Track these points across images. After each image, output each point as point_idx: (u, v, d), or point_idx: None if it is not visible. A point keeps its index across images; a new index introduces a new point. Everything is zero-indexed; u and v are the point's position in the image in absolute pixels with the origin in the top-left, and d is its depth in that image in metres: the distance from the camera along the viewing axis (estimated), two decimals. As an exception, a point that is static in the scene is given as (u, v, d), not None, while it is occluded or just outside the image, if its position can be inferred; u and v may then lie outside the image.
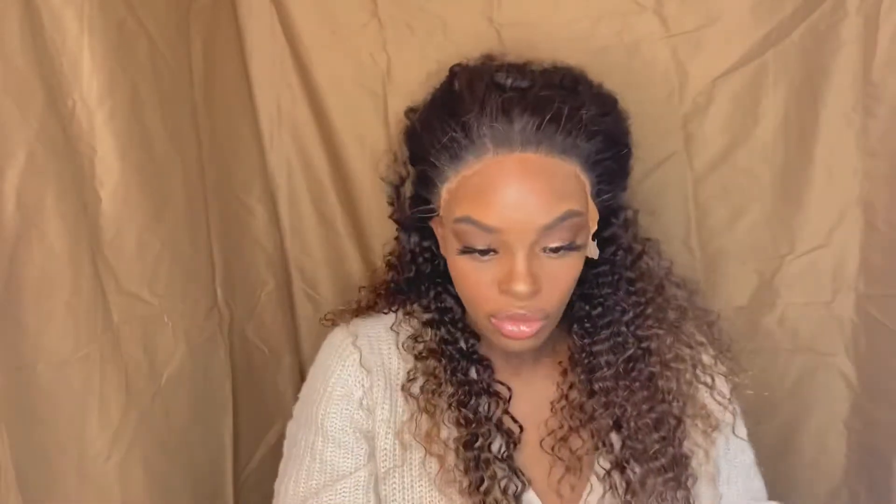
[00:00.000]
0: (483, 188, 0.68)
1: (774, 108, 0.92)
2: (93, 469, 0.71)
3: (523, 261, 0.67)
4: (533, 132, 0.67)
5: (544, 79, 0.71)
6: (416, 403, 0.75)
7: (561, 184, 0.67)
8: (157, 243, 0.78)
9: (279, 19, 0.98)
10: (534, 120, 0.67)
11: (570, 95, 0.70)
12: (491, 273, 0.69)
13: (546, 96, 0.68)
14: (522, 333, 0.70)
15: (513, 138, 0.67)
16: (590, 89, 0.74)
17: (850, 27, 0.88)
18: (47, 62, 0.66)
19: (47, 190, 0.65)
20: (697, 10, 0.89)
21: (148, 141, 0.77)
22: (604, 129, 0.70)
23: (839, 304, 0.97)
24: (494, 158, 0.68)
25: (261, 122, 1.01)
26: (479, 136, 0.68)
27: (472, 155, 0.69)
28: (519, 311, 0.69)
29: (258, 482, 1.00)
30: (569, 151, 0.68)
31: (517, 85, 0.70)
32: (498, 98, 0.68)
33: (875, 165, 0.91)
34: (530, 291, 0.67)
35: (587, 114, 0.69)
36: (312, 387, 0.80)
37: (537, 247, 0.68)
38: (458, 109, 0.70)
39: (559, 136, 0.67)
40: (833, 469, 1.02)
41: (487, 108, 0.68)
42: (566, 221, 0.67)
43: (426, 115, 0.75)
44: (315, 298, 1.07)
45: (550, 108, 0.67)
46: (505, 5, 0.92)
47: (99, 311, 0.71)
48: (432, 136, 0.71)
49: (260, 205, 1.00)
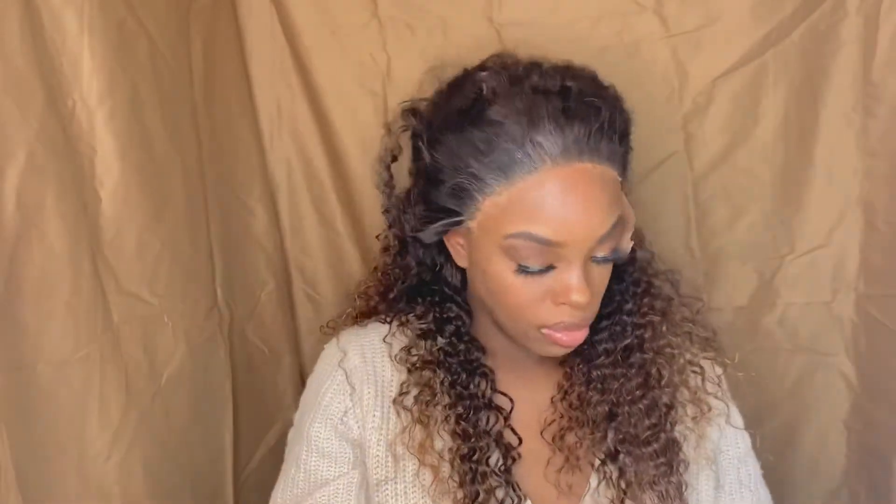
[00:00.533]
0: (541, 202, 0.65)
1: (774, 108, 0.92)
2: (93, 469, 0.71)
3: (581, 272, 0.67)
4: (586, 141, 0.66)
5: (578, 82, 0.69)
6: (410, 415, 0.74)
7: (611, 191, 0.68)
8: (157, 243, 0.78)
9: (279, 19, 0.98)
10: (585, 128, 0.66)
11: (605, 99, 0.69)
12: (545, 286, 0.68)
13: (590, 102, 0.68)
14: (575, 340, 0.70)
15: (569, 148, 0.65)
16: (609, 90, 0.73)
17: (850, 27, 0.88)
18: (47, 62, 0.66)
19: (47, 190, 0.65)
20: (697, 10, 0.89)
21: (148, 141, 0.77)
22: (625, 130, 0.71)
23: (839, 304, 0.97)
24: (553, 170, 0.65)
25: (261, 122, 1.01)
26: (534, 147, 0.65)
27: (527, 167, 0.65)
28: (574, 320, 0.69)
29: (258, 482, 1.00)
30: (612, 158, 0.68)
31: (558, 90, 0.68)
32: (547, 105, 0.66)
33: (875, 165, 0.91)
34: (589, 302, 0.67)
35: (619, 117, 0.69)
36: (305, 398, 0.80)
37: (588, 256, 0.68)
38: (498, 117, 0.66)
39: (605, 143, 0.67)
40: (833, 469, 1.02)
41: (537, 116, 0.66)
42: (616, 228, 0.68)
43: (454, 122, 0.70)
44: (315, 298, 1.07)
45: (598, 115, 0.67)
46: (505, 5, 0.92)
47: (99, 311, 0.71)
48: (471, 146, 0.67)
49: (260, 205, 1.00)
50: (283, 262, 1.05)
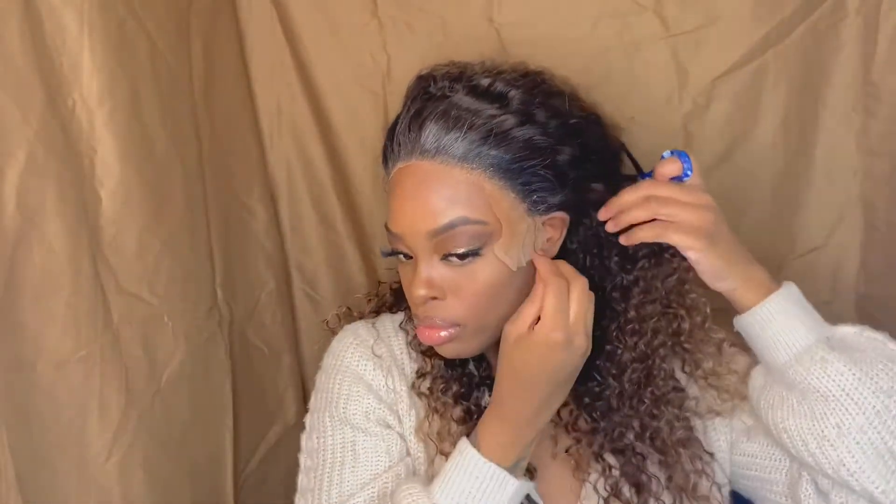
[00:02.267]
0: (390, 195, 0.72)
1: (774, 108, 0.92)
2: (93, 469, 0.71)
3: (420, 266, 0.69)
4: (433, 141, 0.68)
5: (470, 87, 0.71)
6: (427, 403, 0.76)
7: (453, 191, 0.68)
8: (157, 243, 0.78)
9: (279, 19, 0.98)
10: (436, 129, 0.68)
11: (489, 103, 0.70)
12: (409, 277, 0.72)
13: (458, 105, 0.69)
14: (431, 339, 0.71)
15: (415, 147, 0.69)
16: (526, 94, 0.71)
17: (850, 27, 0.88)
18: (47, 62, 0.67)
19: (47, 190, 0.65)
20: (697, 10, 0.89)
21: (148, 141, 0.77)
22: (525, 136, 0.69)
23: (839, 304, 0.97)
24: (402, 167, 0.71)
25: (261, 122, 1.02)
26: (395, 145, 0.71)
27: (390, 162, 0.73)
28: (426, 316, 0.71)
29: (258, 482, 1.00)
30: (471, 160, 0.68)
31: (439, 94, 0.71)
32: (415, 107, 0.71)
33: (875, 165, 0.91)
34: (424, 296, 0.69)
35: (502, 122, 0.68)
36: (323, 384, 0.79)
37: (437, 254, 0.69)
38: (395, 118, 0.73)
39: (459, 145, 0.68)
40: (833, 469, 1.02)
41: (406, 116, 0.71)
42: (458, 228, 0.67)
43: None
44: (315, 298, 1.07)
45: (457, 118, 0.68)
46: (505, 5, 0.92)
47: (99, 311, 0.71)
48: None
49: (260, 205, 1.00)
50: (283, 262, 1.05)
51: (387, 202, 0.72)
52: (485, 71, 0.74)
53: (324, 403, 0.78)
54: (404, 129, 0.71)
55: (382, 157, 0.74)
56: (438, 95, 0.71)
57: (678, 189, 0.70)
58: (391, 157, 0.72)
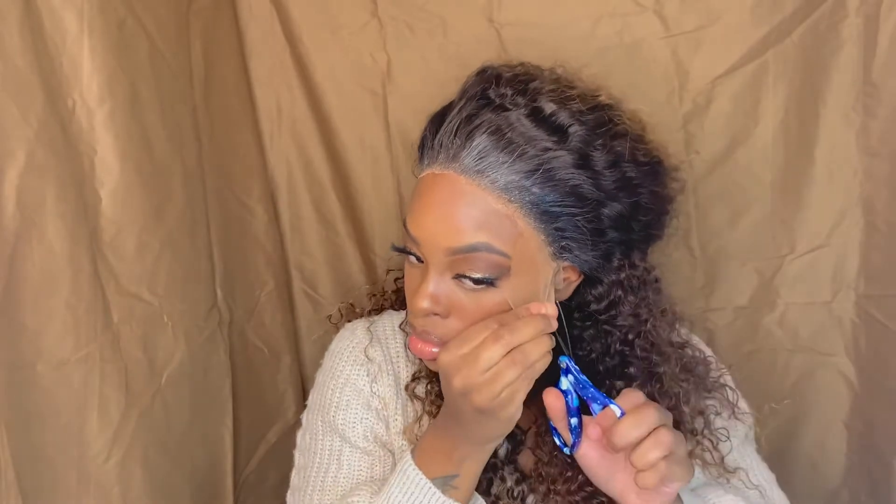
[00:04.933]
0: (418, 194, 0.68)
1: (774, 108, 0.92)
2: (93, 469, 0.71)
3: (429, 278, 0.66)
4: (476, 158, 0.65)
5: (533, 109, 0.67)
6: (422, 405, 0.76)
7: (484, 217, 0.65)
8: (157, 243, 0.78)
9: (279, 19, 0.98)
10: (484, 146, 0.65)
11: (547, 134, 0.66)
12: (416, 281, 0.69)
13: (514, 127, 0.65)
14: (422, 353, 0.69)
15: (457, 158, 0.66)
16: (589, 133, 0.67)
17: (850, 27, 0.88)
18: (47, 62, 0.67)
19: (47, 190, 0.65)
20: (697, 10, 0.89)
21: (148, 141, 0.77)
22: (574, 182, 0.66)
23: (839, 304, 0.97)
24: (435, 171, 0.67)
25: (261, 122, 1.01)
26: (437, 144, 0.67)
27: (426, 159, 0.69)
28: (423, 329, 0.68)
29: (258, 482, 1.00)
30: (510, 192, 0.65)
31: (498, 103, 0.67)
32: (469, 109, 0.67)
33: (875, 165, 0.91)
34: (426, 310, 0.67)
35: (555, 159, 0.65)
36: (323, 383, 0.79)
37: (451, 272, 0.66)
38: (445, 108, 0.70)
39: (504, 172, 0.64)
40: (833, 469, 1.02)
41: (457, 117, 0.67)
42: (478, 253, 0.64)
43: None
44: (315, 298, 1.07)
45: (509, 142, 0.65)
46: (505, 5, 0.92)
47: (99, 311, 0.71)
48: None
49: (260, 205, 1.00)
50: (283, 262, 1.05)
51: (411, 196, 0.70)
52: (553, 90, 0.69)
53: (318, 405, 0.78)
54: (450, 132, 0.66)
55: (420, 144, 0.71)
56: (497, 104, 0.67)
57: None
58: (428, 154, 0.68)
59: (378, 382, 0.77)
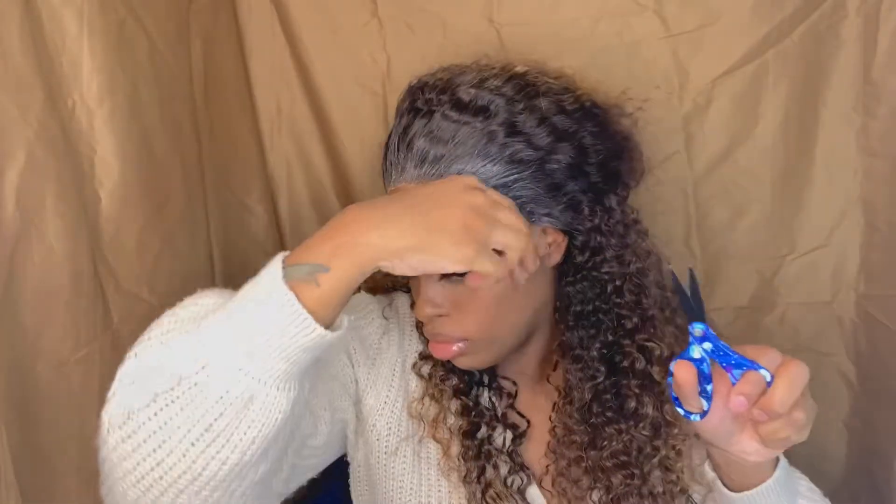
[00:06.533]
0: None
1: (774, 108, 0.92)
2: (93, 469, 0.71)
3: (422, 286, 0.70)
4: (419, 163, 0.68)
5: (454, 101, 0.69)
6: (426, 386, 0.77)
7: None
8: (157, 243, 0.78)
9: (279, 19, 0.98)
10: (422, 149, 0.68)
11: (473, 117, 0.68)
12: (416, 291, 0.73)
13: (442, 123, 0.68)
14: (444, 354, 0.71)
15: (405, 169, 0.69)
16: (509, 103, 0.69)
17: (850, 27, 0.88)
18: (47, 62, 0.66)
19: (47, 190, 0.65)
20: (697, 10, 0.89)
21: (148, 141, 0.77)
22: (510, 151, 0.67)
23: (839, 304, 0.97)
24: (391, 189, 0.71)
25: (261, 122, 1.02)
26: (388, 164, 0.71)
27: (387, 181, 0.72)
28: (434, 333, 0.71)
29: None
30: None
31: (425, 109, 0.69)
32: (403, 123, 0.70)
33: (875, 165, 0.91)
34: (430, 315, 0.70)
35: (486, 136, 0.67)
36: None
37: (435, 274, 0.68)
38: (390, 132, 0.73)
39: (444, 166, 0.67)
40: (833, 469, 1.02)
41: (395, 134, 0.70)
42: None
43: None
44: (315, 298, 1.07)
45: (439, 138, 0.67)
46: (505, 5, 0.92)
47: (99, 311, 0.71)
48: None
49: (260, 205, 1.00)
50: (282, 262, 1.05)
51: None
52: (471, 78, 0.71)
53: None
54: (394, 149, 0.70)
55: (382, 172, 0.74)
56: (425, 111, 0.69)
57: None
58: (386, 177, 0.72)
59: (385, 338, 0.78)
